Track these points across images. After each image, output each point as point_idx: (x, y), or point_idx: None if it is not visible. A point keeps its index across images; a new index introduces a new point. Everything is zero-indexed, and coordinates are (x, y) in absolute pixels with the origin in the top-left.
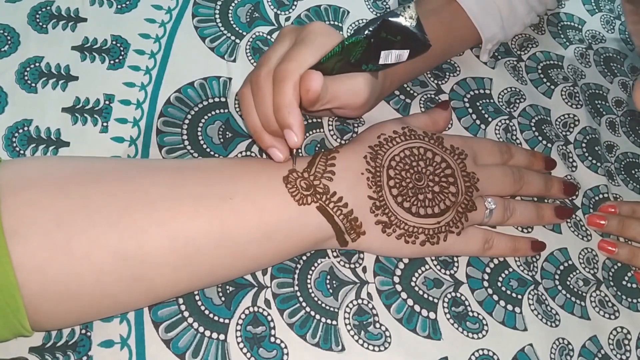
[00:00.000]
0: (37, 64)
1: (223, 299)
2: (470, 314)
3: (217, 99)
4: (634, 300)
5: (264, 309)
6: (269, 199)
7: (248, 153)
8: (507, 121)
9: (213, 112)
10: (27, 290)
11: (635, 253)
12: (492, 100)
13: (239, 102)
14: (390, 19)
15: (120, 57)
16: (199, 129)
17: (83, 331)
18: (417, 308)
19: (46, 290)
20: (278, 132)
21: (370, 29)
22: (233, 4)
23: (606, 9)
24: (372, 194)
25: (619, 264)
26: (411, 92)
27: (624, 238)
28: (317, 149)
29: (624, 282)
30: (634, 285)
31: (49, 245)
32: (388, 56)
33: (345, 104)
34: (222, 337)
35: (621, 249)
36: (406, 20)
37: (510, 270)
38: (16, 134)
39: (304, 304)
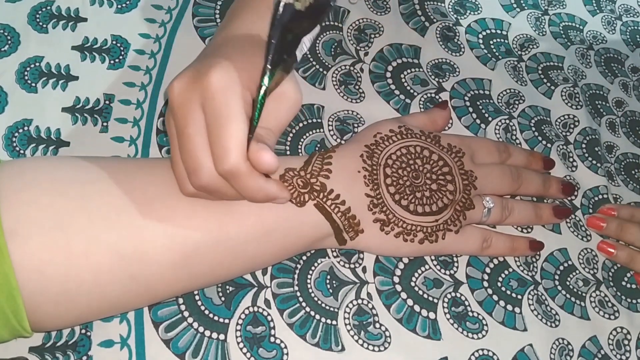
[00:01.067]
0: (37, 64)
1: (223, 298)
2: (470, 314)
3: None
4: (634, 301)
5: (263, 309)
6: None
7: None
8: (507, 121)
9: None
10: (27, 290)
11: (634, 257)
12: (491, 101)
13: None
14: (285, 19)
15: (120, 57)
16: None
17: (83, 331)
18: (417, 308)
19: (45, 290)
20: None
21: (271, 53)
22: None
23: (607, 10)
24: (370, 191)
25: (618, 265)
26: (411, 91)
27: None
28: (317, 148)
29: (624, 283)
30: (634, 286)
31: (48, 245)
32: (302, 47)
33: (293, 112)
34: (222, 337)
35: (620, 251)
36: (301, 3)
37: (510, 270)
38: (16, 134)
39: (303, 304)
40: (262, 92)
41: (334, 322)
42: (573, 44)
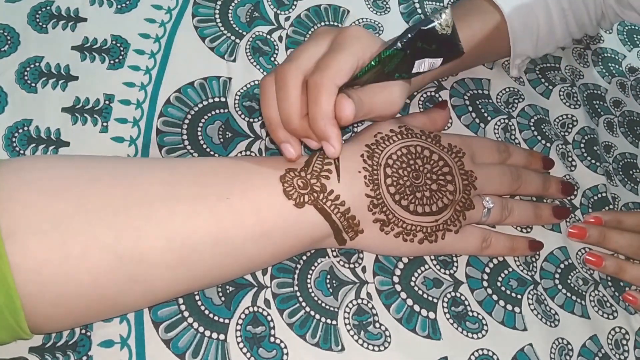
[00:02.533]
0: (37, 64)
1: (223, 299)
2: (470, 313)
3: (217, 99)
4: None
5: (263, 309)
6: (265, 198)
7: (248, 153)
8: (506, 120)
9: (213, 112)
10: (25, 291)
11: (622, 266)
12: (490, 100)
13: (259, 90)
14: (426, 27)
15: (120, 57)
16: (199, 128)
17: (83, 331)
18: (416, 308)
19: (44, 291)
20: (295, 132)
21: (406, 39)
22: (233, 4)
23: None
24: (370, 192)
25: None
26: None
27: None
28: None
29: (622, 283)
30: (633, 286)
31: (46, 246)
32: (421, 65)
33: (382, 115)
34: (222, 337)
35: (607, 261)
36: (442, 28)
37: (510, 270)
38: (16, 134)
39: (303, 304)
40: (375, 57)
41: (334, 322)
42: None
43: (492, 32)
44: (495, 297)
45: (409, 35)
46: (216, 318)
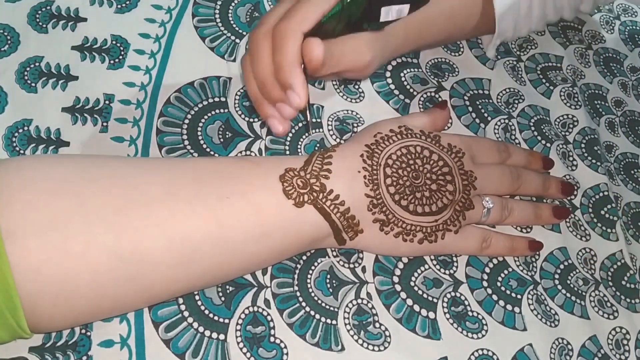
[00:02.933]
0: (37, 64)
1: (223, 298)
2: (470, 313)
3: (217, 99)
4: (633, 301)
5: (263, 309)
6: (265, 197)
7: (248, 153)
8: (507, 121)
9: (213, 112)
10: (25, 291)
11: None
12: (491, 100)
13: (240, 67)
14: None
15: (120, 57)
16: (199, 128)
17: (83, 331)
18: (416, 308)
19: (43, 290)
20: (277, 98)
21: None
22: (233, 4)
23: (605, 9)
24: (369, 192)
25: (618, 264)
26: (411, 90)
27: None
28: (316, 148)
29: (623, 283)
30: (633, 286)
31: (45, 246)
32: (388, 12)
33: (350, 66)
34: (222, 337)
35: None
36: None
37: (510, 270)
38: (16, 134)
39: (303, 304)
40: (338, 2)
41: (334, 322)
42: (572, 44)
43: (473, 5)
44: (495, 297)
45: None
46: (216, 318)
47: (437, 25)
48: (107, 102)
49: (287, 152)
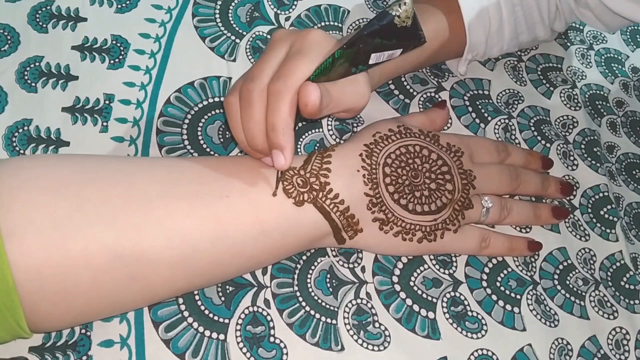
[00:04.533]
0: (37, 64)
1: (223, 298)
2: (469, 313)
3: (217, 99)
4: (632, 301)
5: (263, 309)
6: (265, 196)
7: None
8: (507, 121)
9: (213, 112)
10: (24, 290)
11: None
12: (490, 101)
13: (225, 111)
14: (382, 23)
15: (120, 57)
16: (199, 128)
17: (83, 331)
18: (416, 308)
19: (43, 290)
20: (264, 151)
21: (363, 34)
22: (233, 4)
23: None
24: (369, 191)
25: (618, 264)
26: (411, 90)
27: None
28: (316, 148)
29: (623, 283)
30: (632, 286)
31: (45, 245)
32: (380, 57)
33: (350, 107)
34: (221, 337)
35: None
36: (402, 20)
37: (509, 270)
38: (16, 134)
39: (303, 304)
40: (329, 56)
41: (334, 322)
42: (573, 44)
43: (446, 31)
44: (494, 297)
45: (365, 33)
46: (216, 318)
47: (410, 57)
48: (107, 102)
49: None
